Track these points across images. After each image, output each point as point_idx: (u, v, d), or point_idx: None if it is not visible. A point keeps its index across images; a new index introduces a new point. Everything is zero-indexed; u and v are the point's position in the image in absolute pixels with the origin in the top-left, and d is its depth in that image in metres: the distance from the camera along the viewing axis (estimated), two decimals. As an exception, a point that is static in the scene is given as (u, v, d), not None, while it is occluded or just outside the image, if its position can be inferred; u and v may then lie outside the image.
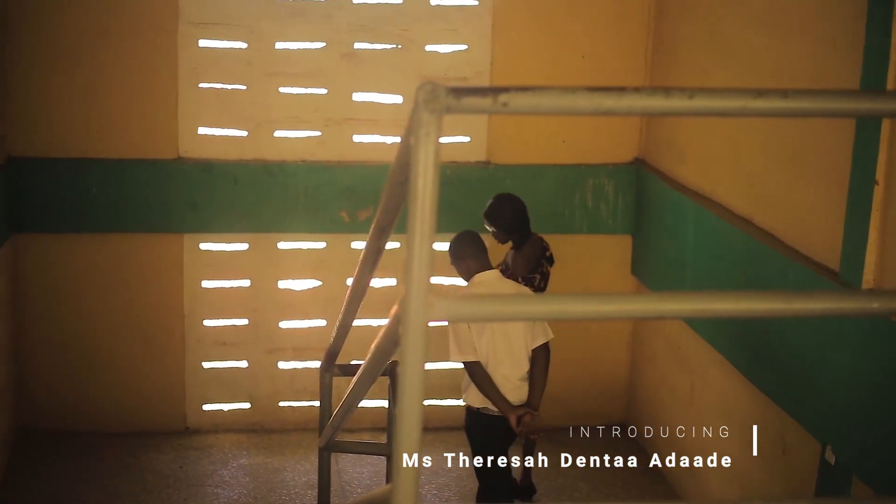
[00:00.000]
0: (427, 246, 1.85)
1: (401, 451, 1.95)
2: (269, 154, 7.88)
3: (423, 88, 1.83)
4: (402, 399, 1.94)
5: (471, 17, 7.86)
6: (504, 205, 6.97)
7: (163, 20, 7.60)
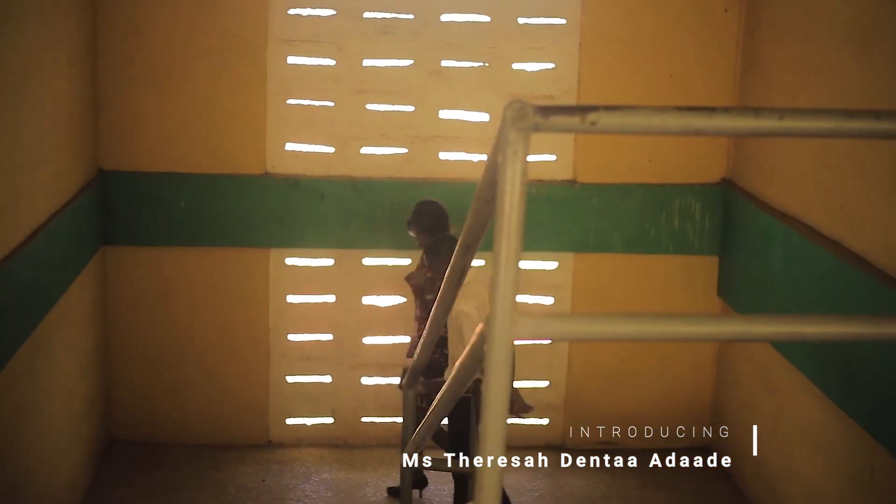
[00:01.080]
0: (513, 264, 1.84)
1: (484, 469, 1.94)
2: (355, 170, 7.92)
3: (511, 107, 1.83)
4: (486, 416, 1.93)
5: (558, 36, 7.84)
6: (427, 209, 7.04)
7: (252, 37, 7.67)
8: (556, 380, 8.26)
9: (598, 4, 7.78)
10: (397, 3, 7.73)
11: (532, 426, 8.23)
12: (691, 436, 8.25)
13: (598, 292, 8.10)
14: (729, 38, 7.83)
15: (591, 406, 8.24)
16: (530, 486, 7.78)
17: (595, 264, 8.08)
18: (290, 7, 7.69)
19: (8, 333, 5.50)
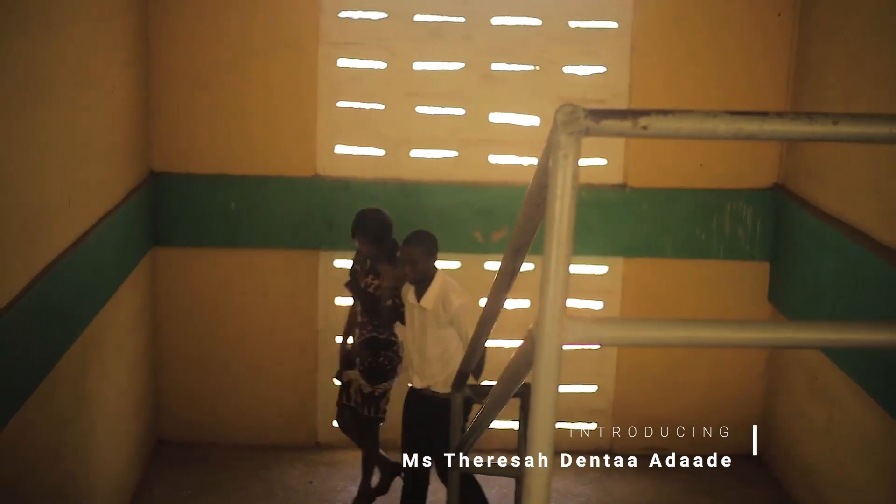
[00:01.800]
0: (563, 268, 1.83)
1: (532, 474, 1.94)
2: (405, 173, 7.93)
3: (562, 110, 1.82)
4: (535, 421, 1.93)
5: (610, 39, 7.82)
6: (373, 217, 6.97)
7: (303, 40, 7.70)
8: (604, 384, 8.23)
9: (651, 8, 7.75)
10: (448, 7, 7.73)
11: (579, 431, 8.21)
12: (739, 442, 8.20)
13: (647, 297, 8.07)
14: (782, 42, 7.77)
15: (639, 411, 8.21)
16: (577, 490, 7.75)
17: (645, 269, 8.05)
18: (341, 10, 7.71)
19: (59, 333, 5.55)
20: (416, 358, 6.76)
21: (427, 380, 6.73)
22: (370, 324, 7.07)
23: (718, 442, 8.19)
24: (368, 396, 7.13)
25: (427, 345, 6.68)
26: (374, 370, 7.11)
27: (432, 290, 6.65)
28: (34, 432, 5.19)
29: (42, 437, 5.34)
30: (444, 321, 6.62)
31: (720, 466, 8.06)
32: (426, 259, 6.66)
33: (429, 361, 6.69)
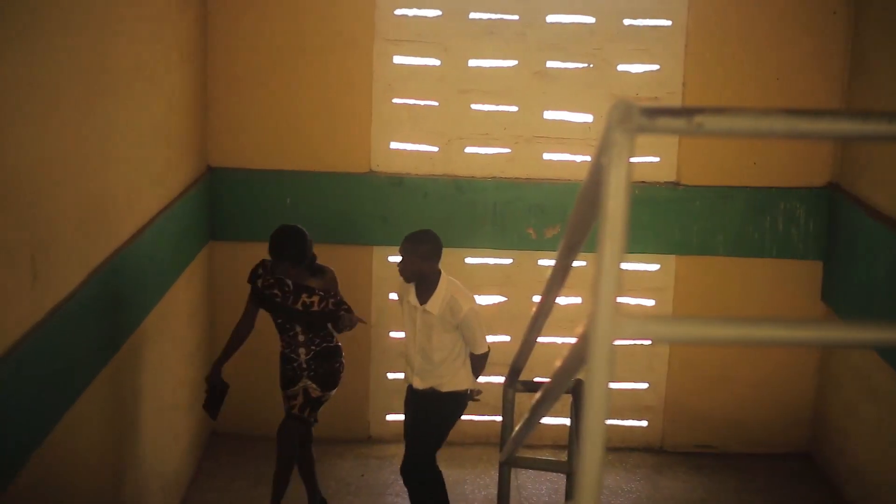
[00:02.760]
0: (616, 265, 1.85)
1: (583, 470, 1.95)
2: (459, 170, 7.96)
3: (617, 108, 1.83)
4: (587, 417, 1.94)
5: (664, 37, 7.81)
6: (290, 241, 6.63)
7: (359, 37, 7.74)
8: (655, 382, 8.23)
9: (705, 6, 7.73)
10: (503, 4, 7.75)
11: (630, 428, 8.22)
12: (790, 440, 8.18)
13: (699, 295, 8.05)
14: (837, 40, 7.73)
15: (690, 408, 8.20)
16: (627, 487, 7.76)
17: (697, 267, 8.04)
18: (396, 7, 7.74)
19: (117, 325, 5.62)
20: (418, 360, 6.73)
21: (431, 382, 6.73)
22: (316, 336, 6.84)
23: (769, 440, 8.17)
24: (316, 402, 6.89)
25: (433, 349, 6.67)
26: (332, 375, 6.91)
27: (438, 293, 6.60)
28: (91, 423, 5.26)
29: (99, 428, 5.41)
30: (450, 326, 6.62)
31: (771, 464, 8.05)
32: (421, 260, 6.55)
33: (434, 365, 6.69)
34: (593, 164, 2.06)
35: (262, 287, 6.80)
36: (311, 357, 6.84)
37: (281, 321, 6.86)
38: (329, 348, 6.89)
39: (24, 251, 4.31)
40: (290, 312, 6.78)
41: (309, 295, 6.74)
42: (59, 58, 4.69)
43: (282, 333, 6.90)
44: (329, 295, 6.76)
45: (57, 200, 4.71)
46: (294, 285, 6.75)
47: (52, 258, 4.60)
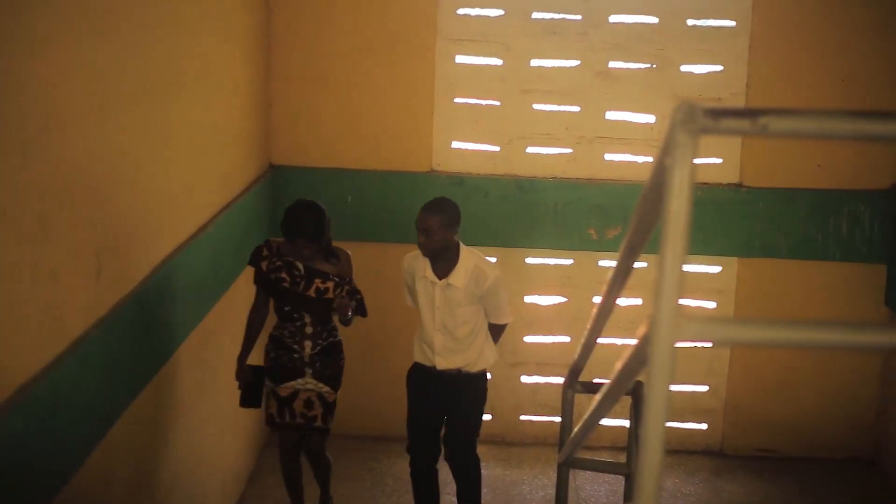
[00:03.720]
0: (678, 267, 1.84)
1: (642, 472, 1.94)
2: (520, 170, 7.95)
3: (680, 109, 1.82)
4: (647, 419, 1.93)
5: (727, 38, 7.76)
6: (309, 214, 6.18)
7: (421, 36, 7.75)
8: (716, 385, 8.18)
9: (770, 6, 7.67)
10: (566, 4, 7.73)
11: (691, 430, 8.18)
12: (853, 446, 8.10)
13: (761, 298, 7.99)
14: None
15: (750, 412, 8.15)
16: (686, 490, 7.72)
17: (759, 269, 7.98)
18: (459, 7, 7.75)
19: (178, 321, 5.66)
20: (440, 339, 6.43)
21: (457, 362, 6.48)
22: (325, 330, 6.43)
23: (831, 445, 8.10)
24: (331, 406, 6.52)
25: (457, 325, 6.40)
26: (339, 376, 6.59)
27: (462, 265, 6.32)
28: (151, 417, 5.30)
29: (158, 425, 5.45)
30: (474, 298, 6.36)
31: (832, 470, 7.97)
32: (445, 230, 6.23)
33: (458, 341, 6.43)
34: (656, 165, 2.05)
35: (268, 270, 6.29)
36: (316, 352, 6.42)
37: (289, 309, 6.35)
38: (335, 344, 6.54)
39: (88, 247, 4.35)
40: (301, 300, 6.31)
41: (323, 280, 6.30)
42: (125, 56, 4.73)
43: (285, 322, 6.39)
44: (344, 281, 6.35)
45: (121, 198, 4.75)
46: (306, 269, 6.29)
47: (115, 255, 4.64)
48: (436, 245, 6.25)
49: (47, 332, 3.98)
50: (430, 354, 6.51)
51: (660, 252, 1.84)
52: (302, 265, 6.27)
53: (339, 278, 6.33)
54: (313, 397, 6.43)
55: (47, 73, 3.86)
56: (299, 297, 6.27)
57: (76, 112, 4.17)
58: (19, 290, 3.71)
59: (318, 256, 6.28)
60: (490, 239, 7.93)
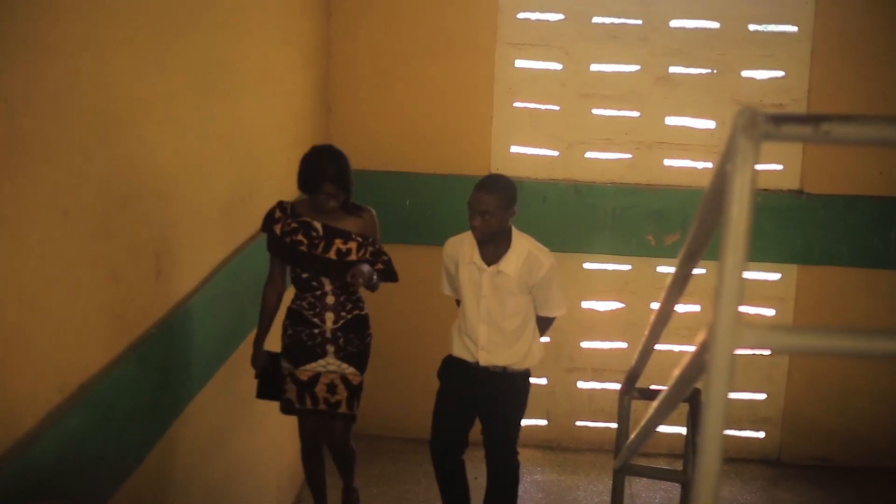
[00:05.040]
0: (738, 274, 1.83)
1: (699, 480, 1.93)
2: (578, 174, 7.93)
3: (742, 114, 1.81)
4: (705, 427, 1.92)
5: (789, 43, 7.70)
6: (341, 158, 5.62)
7: (481, 41, 7.76)
8: (774, 393, 8.12)
9: (833, 12, 7.61)
10: (627, 9, 7.71)
11: (748, 438, 8.12)
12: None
13: (821, 306, 7.93)
14: (970, 48, 7.57)
15: (809, 421, 8.08)
16: (743, 499, 7.66)
17: (819, 277, 7.91)
18: (518, 11, 7.75)
19: (237, 322, 5.69)
20: (484, 332, 5.94)
21: (503, 359, 6.00)
22: (348, 300, 5.73)
23: (891, 454, 8.02)
24: (356, 389, 5.83)
25: (505, 317, 5.92)
26: (365, 355, 5.87)
27: (515, 251, 5.85)
28: (209, 417, 5.33)
29: (215, 424, 5.49)
30: (525, 287, 5.88)
31: (892, 480, 7.89)
32: (503, 211, 5.76)
33: (505, 335, 5.95)
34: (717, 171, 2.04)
35: (282, 233, 5.61)
36: (339, 327, 5.70)
37: (307, 276, 5.64)
38: (360, 318, 5.81)
39: (148, 248, 4.39)
40: (320, 264, 5.61)
41: (344, 240, 5.61)
42: (186, 58, 4.77)
43: (304, 291, 5.69)
44: (367, 241, 5.66)
45: (181, 199, 4.78)
46: (324, 228, 5.62)
47: (175, 255, 4.67)
48: (492, 228, 5.76)
49: (108, 331, 4.01)
50: (473, 348, 6.01)
51: (719, 259, 1.84)
52: (320, 224, 5.60)
53: (363, 238, 5.62)
54: (336, 380, 5.72)
55: (110, 74, 3.90)
56: (318, 261, 5.58)
57: (137, 113, 4.20)
58: (81, 289, 3.74)
59: (339, 212, 5.61)
60: (548, 243, 7.86)
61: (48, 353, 3.51)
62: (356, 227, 5.64)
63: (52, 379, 3.56)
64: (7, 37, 3.11)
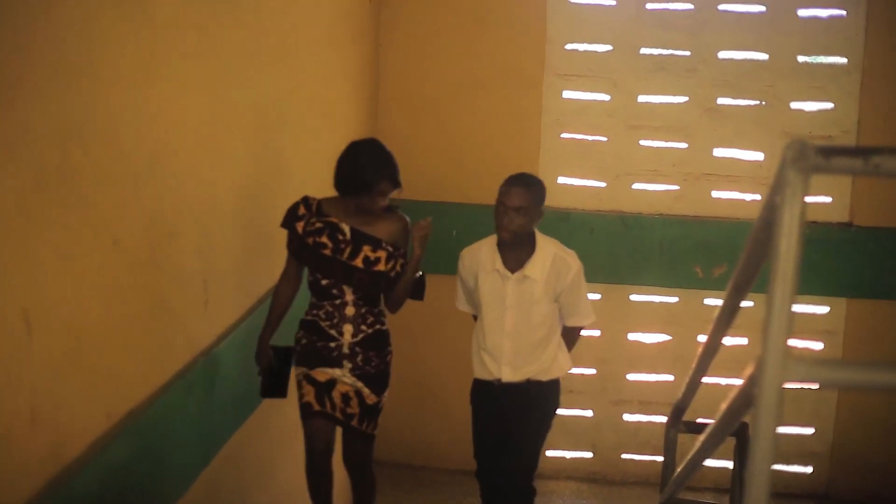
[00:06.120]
0: (787, 307, 1.82)
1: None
2: (625, 205, 7.91)
3: (791, 147, 1.80)
4: (752, 462, 1.91)
5: (838, 75, 7.66)
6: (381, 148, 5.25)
7: (529, 71, 7.76)
8: (822, 427, 8.04)
9: (882, 43, 7.56)
10: (675, 40, 7.70)
11: (796, 473, 8.04)
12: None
13: (871, 340, 7.85)
14: None
15: (857, 456, 7.99)
16: (792, 535, 7.59)
17: (869, 310, 7.84)
18: (567, 42, 7.75)
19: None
20: (508, 346, 5.48)
21: (528, 372, 5.51)
22: (370, 313, 5.16)
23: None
24: (371, 409, 5.24)
25: (532, 327, 5.46)
26: (385, 375, 5.30)
27: (540, 255, 5.45)
28: (253, 449, 5.34)
29: (260, 455, 5.49)
30: (552, 294, 5.46)
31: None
32: (536, 208, 5.40)
33: (532, 347, 5.48)
34: (766, 204, 2.03)
35: (304, 233, 5.05)
36: (358, 342, 5.13)
37: (327, 283, 5.09)
38: (381, 333, 5.23)
39: (196, 277, 4.41)
40: (344, 271, 5.04)
41: (374, 248, 5.06)
42: (237, 88, 4.80)
43: (321, 299, 5.12)
44: (398, 252, 5.12)
45: (230, 229, 4.81)
46: (353, 232, 5.07)
47: (222, 284, 4.69)
48: (524, 228, 5.36)
49: (156, 359, 4.03)
50: (494, 366, 5.52)
51: (768, 291, 1.82)
52: (348, 228, 5.06)
53: (394, 248, 5.11)
54: (351, 393, 5.16)
55: (160, 105, 3.93)
56: (342, 268, 5.02)
57: (187, 144, 4.23)
58: (130, 317, 3.76)
59: (370, 216, 5.10)
60: (595, 275, 7.86)
61: (97, 380, 3.53)
62: (388, 235, 5.11)
63: (101, 406, 3.58)
64: (60, 67, 3.14)
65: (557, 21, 7.74)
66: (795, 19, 7.61)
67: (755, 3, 7.63)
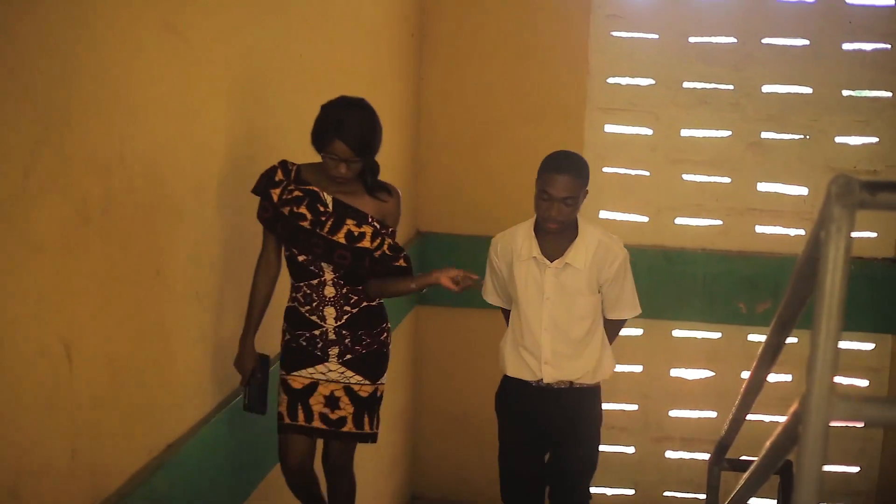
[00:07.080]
0: (833, 344, 1.79)
1: (793, 554, 1.89)
2: (668, 240, 7.87)
3: (836, 182, 1.79)
4: (797, 500, 1.88)
5: (883, 109, 7.61)
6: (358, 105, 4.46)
7: (571, 105, 7.75)
8: (867, 466, 7.95)
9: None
10: (718, 74, 7.67)
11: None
12: None
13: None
14: None
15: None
16: (837, 574, 7.50)
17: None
18: (609, 76, 7.74)
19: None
20: (548, 341, 5.01)
21: (570, 371, 5.03)
22: (353, 291, 4.46)
23: None
24: (367, 403, 4.57)
25: (573, 320, 4.98)
26: (377, 357, 4.59)
27: (583, 241, 4.95)
28: (296, 480, 5.32)
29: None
30: (595, 285, 4.98)
31: None
32: (582, 193, 4.89)
33: (573, 344, 5.00)
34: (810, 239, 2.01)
35: (281, 201, 4.33)
36: (344, 324, 4.47)
37: (305, 261, 4.40)
38: (370, 309, 4.54)
39: (235, 311, 4.41)
40: (324, 246, 4.37)
41: (358, 222, 4.41)
42: (284, 121, 4.81)
43: (298, 279, 4.44)
44: (385, 230, 4.48)
45: (270, 260, 4.81)
46: (335, 203, 4.40)
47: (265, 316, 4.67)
48: (572, 217, 4.89)
49: (197, 392, 4.03)
50: (535, 364, 5.08)
51: (813, 328, 1.80)
52: (330, 198, 4.40)
53: (380, 224, 4.47)
54: (338, 392, 4.51)
55: (203, 136, 3.94)
56: (322, 242, 4.36)
57: (227, 175, 4.24)
58: (171, 349, 3.77)
59: (357, 188, 4.47)
60: (636, 310, 7.85)
61: (138, 412, 3.53)
62: (375, 210, 4.46)
63: (141, 439, 3.58)
64: (102, 99, 3.16)
65: (600, 55, 7.73)
66: (840, 53, 7.57)
67: (799, 36, 7.59)
